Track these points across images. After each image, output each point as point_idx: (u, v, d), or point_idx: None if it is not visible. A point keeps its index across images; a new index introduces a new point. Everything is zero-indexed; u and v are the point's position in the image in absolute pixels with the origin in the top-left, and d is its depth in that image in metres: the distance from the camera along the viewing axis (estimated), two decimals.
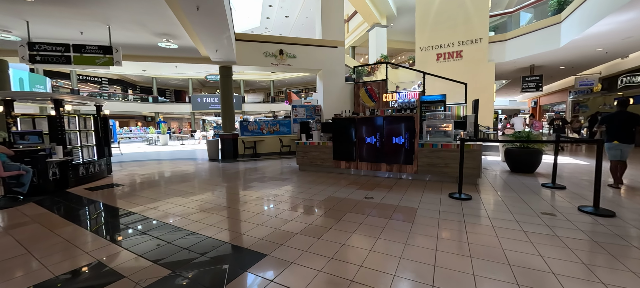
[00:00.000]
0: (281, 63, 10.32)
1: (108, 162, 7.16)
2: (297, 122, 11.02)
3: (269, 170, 7.39)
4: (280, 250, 2.68)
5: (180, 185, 5.81)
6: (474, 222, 3.28)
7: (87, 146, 6.59)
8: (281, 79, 31.11)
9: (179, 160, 10.14)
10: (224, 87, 10.11)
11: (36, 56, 6.61)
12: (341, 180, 5.89)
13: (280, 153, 10.62)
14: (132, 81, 29.28)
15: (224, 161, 9.38)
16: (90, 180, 6.37)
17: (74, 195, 5.22)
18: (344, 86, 11.15)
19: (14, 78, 16.98)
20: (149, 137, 19.41)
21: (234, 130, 10.29)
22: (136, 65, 9.19)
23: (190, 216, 3.77)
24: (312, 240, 2.89)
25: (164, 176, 6.91)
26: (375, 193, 4.73)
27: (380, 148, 6.00)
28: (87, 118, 6.68)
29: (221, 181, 6.13)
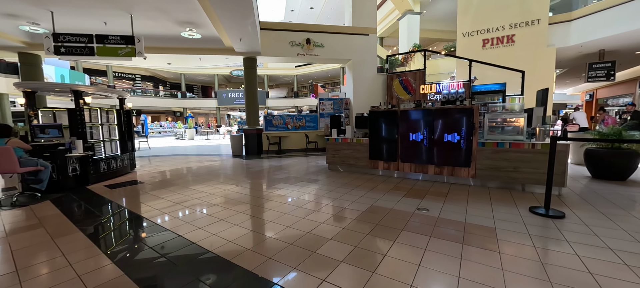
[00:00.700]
0: (308, 53, 9.54)
1: (131, 157, 6.86)
2: (324, 116, 10.23)
3: (296, 169, 6.68)
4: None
5: (202, 185, 5.27)
6: (594, 257, 2.28)
7: (109, 140, 6.29)
8: (304, 74, 30.47)
9: (204, 155, 9.80)
10: (248, 79, 9.55)
11: (61, 47, 6.40)
12: (380, 184, 5.01)
13: (305, 150, 9.92)
14: (163, 78, 30.21)
15: (248, 158, 8.85)
16: (112, 176, 6.06)
17: (93, 193, 4.85)
18: (376, 78, 10.15)
19: (56, 75, 17.92)
20: (176, 131, 19.69)
21: (258, 125, 9.73)
22: (160, 57, 8.89)
23: (209, 227, 3.13)
24: (362, 273, 2.08)
25: (187, 175, 6.45)
26: (428, 203, 3.81)
27: (428, 147, 5.02)
28: (109, 111, 6.38)
29: (245, 183, 5.51)
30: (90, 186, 5.33)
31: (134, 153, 7.03)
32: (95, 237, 2.95)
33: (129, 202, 4.27)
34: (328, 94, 11.01)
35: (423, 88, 9.37)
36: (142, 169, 7.21)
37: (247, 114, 9.66)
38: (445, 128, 4.81)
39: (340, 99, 10.38)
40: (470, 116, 4.56)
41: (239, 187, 5.02)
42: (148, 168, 7.30)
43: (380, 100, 10.22)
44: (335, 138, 6.32)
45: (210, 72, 28.68)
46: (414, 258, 2.33)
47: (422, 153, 5.10)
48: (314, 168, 6.72)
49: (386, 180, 5.33)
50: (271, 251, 2.51)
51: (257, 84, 9.72)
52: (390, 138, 5.43)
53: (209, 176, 6.03)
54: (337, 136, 6.34)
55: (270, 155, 9.28)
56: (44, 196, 4.62)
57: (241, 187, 5.03)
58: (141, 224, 3.36)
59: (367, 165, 5.87)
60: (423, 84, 9.37)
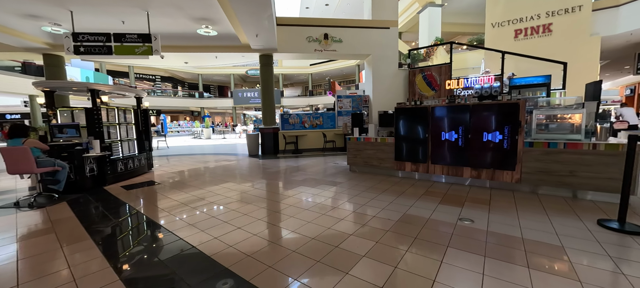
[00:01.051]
0: (326, 49, 9.14)
1: (148, 157, 6.76)
2: (342, 115, 9.81)
3: (315, 170, 6.32)
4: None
5: (218, 187, 5.02)
6: None
7: (126, 140, 6.20)
8: (319, 72, 30.12)
9: (220, 155, 9.66)
10: (265, 77, 9.29)
11: (80, 47, 6.38)
12: (409, 188, 4.54)
13: (323, 149, 9.54)
14: (181, 78, 30.87)
15: (264, 157, 8.59)
16: (130, 176, 5.96)
17: (109, 194, 4.72)
18: (397, 74, 9.59)
19: (82, 76, 18.59)
20: (194, 131, 19.93)
21: (274, 124, 9.46)
22: (177, 56, 8.80)
23: (226, 236, 2.82)
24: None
25: (203, 176, 6.25)
26: (470, 212, 3.32)
27: (463, 147, 4.50)
28: (127, 110, 6.28)
29: (262, 186, 5.21)
30: (107, 186, 5.22)
31: (151, 153, 6.93)
32: (105, 247, 2.72)
33: (143, 205, 4.06)
34: (346, 92, 10.57)
35: (449, 84, 8.72)
36: (160, 169, 7.11)
37: (264, 113, 9.41)
38: (485, 126, 4.27)
39: (358, 97, 9.92)
40: (515, 113, 4.00)
41: (256, 190, 4.72)
42: (165, 168, 7.19)
43: (402, 97, 9.66)
44: (357, 137, 5.89)
45: (227, 72, 28.96)
46: (471, 284, 1.88)
47: (456, 154, 4.58)
48: (334, 169, 6.33)
49: (415, 183, 4.85)
50: (295, 268, 2.15)
51: (273, 82, 9.45)
52: (419, 137, 4.94)
53: (225, 177, 5.78)
54: (359, 135, 5.91)
55: (287, 155, 8.98)
56: (61, 197, 4.52)
57: (258, 190, 4.72)
58: (155, 232, 3.11)
59: (392, 166, 5.40)
60: (449, 80, 8.72)
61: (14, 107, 22.57)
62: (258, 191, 4.64)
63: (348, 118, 9.82)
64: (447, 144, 4.65)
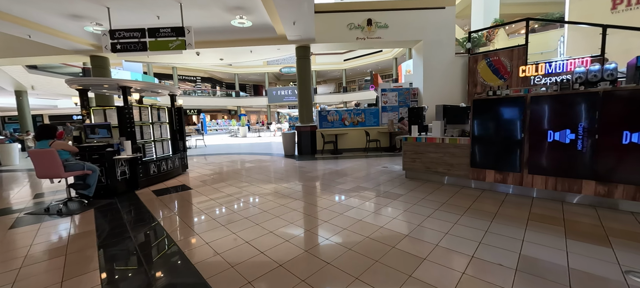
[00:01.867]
0: (369, 36, 8.04)
1: (183, 157, 6.35)
2: (386, 110, 8.64)
3: (361, 175, 5.32)
4: None
5: (254, 195, 4.29)
6: None
7: (160, 140, 5.82)
8: (353, 67, 28.84)
9: (256, 155, 9.12)
10: (301, 71, 8.49)
11: (117, 44, 6.14)
12: (500, 206, 3.33)
13: (365, 149, 8.48)
14: (219, 79, 31.87)
15: (301, 158, 7.80)
16: (163, 178, 5.55)
17: (138, 201, 4.25)
18: (453, 61, 8.13)
19: (131, 79, 19.80)
20: (231, 129, 20.13)
21: (312, 121, 8.64)
22: (212, 52, 8.39)
23: (258, 273, 1.98)
24: None
25: (239, 180, 5.63)
26: (633, 257, 2.07)
27: (584, 152, 3.15)
28: (160, 109, 5.90)
29: (303, 197, 4.37)
30: (139, 191, 4.81)
31: (185, 153, 6.53)
32: (113, 278, 2.05)
33: (171, 218, 3.45)
34: (390, 85, 9.34)
35: (524, 70, 7.07)
36: (195, 170, 6.69)
37: (300, 110, 8.64)
38: (626, 124, 2.89)
39: (406, 90, 8.64)
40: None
41: (296, 201, 3.88)
42: (200, 170, 6.76)
43: (459, 89, 8.18)
44: (416, 137, 4.76)
45: (261, 71, 29.12)
46: None
47: (572, 162, 3.24)
48: (385, 175, 5.27)
49: (505, 199, 3.60)
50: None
51: (310, 76, 8.62)
52: (511, 137, 3.67)
53: (261, 180, 5.07)
54: (420, 135, 4.76)
55: (325, 155, 8.10)
56: (92, 202, 4.15)
57: (298, 202, 3.88)
58: (177, 258, 2.40)
59: (465, 175, 4.19)
60: (524, 65, 7.07)
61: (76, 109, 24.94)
62: (298, 203, 3.80)
63: (394, 114, 8.63)
64: (557, 147, 3.32)
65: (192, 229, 3.04)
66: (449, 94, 8.15)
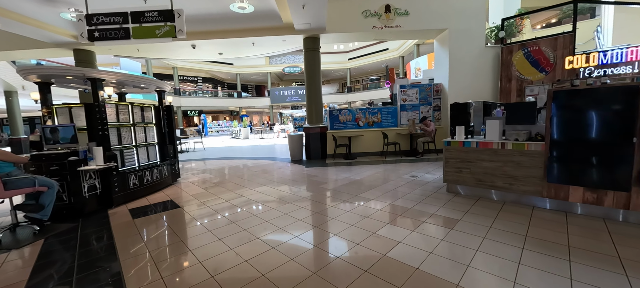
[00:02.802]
0: (387, 25, 6.99)
1: (173, 165, 5.33)
2: (405, 109, 7.59)
3: (389, 189, 4.27)
4: None
5: (258, 207, 3.25)
6: None
7: (144, 145, 4.80)
8: (358, 67, 27.82)
9: (258, 160, 8.09)
10: (310, 64, 7.46)
11: (95, 31, 5.12)
12: (623, 246, 2.26)
13: (383, 153, 7.42)
14: (221, 79, 30.94)
15: (311, 164, 6.76)
16: (147, 191, 4.52)
17: (108, 224, 3.23)
18: (483, 53, 7.07)
19: None
20: (232, 130, 19.14)
21: (321, 122, 7.60)
22: (210, 45, 7.36)
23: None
24: None
25: (238, 191, 4.60)
26: None
27: None
28: (145, 108, 4.89)
29: (320, 218, 3.32)
30: (113, 210, 3.79)
31: (177, 160, 5.50)
32: None
33: (144, 254, 2.42)
34: (407, 81, 8.28)
35: (571, 61, 6.00)
36: (188, 180, 5.67)
37: (309, 109, 7.60)
38: None
39: (428, 86, 7.58)
40: None
41: (308, 225, 2.84)
42: (195, 178, 5.74)
43: (489, 83, 7.12)
44: (463, 140, 3.70)
45: (264, 71, 28.16)
46: None
47: None
48: (418, 188, 4.21)
49: (613, 229, 2.54)
50: None
51: (320, 71, 7.58)
52: (613, 142, 2.61)
53: (266, 198, 4.03)
54: (468, 139, 3.71)
55: (338, 161, 7.05)
56: (47, 227, 3.14)
57: (318, 232, 2.83)
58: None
59: (537, 191, 3.13)
60: (571, 55, 6.00)
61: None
62: (314, 230, 2.75)
63: (414, 113, 7.57)
64: None
65: (172, 275, 2.01)
66: (478, 91, 7.09)
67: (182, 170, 6.82)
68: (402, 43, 23.10)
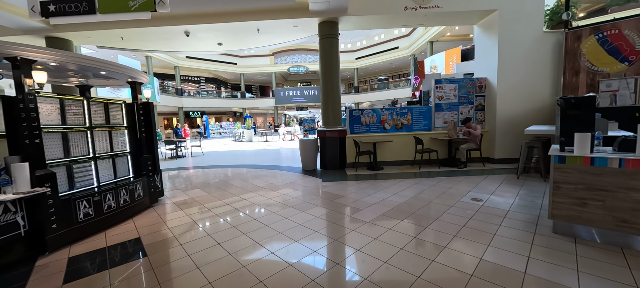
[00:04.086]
0: (423, 5, 5.60)
1: (153, 182, 3.97)
2: (441, 109, 6.18)
3: (450, 220, 2.87)
4: None
5: (263, 253, 1.87)
6: None
7: (107, 156, 3.45)
8: (365, 66, 26.43)
9: (263, 169, 6.73)
10: (326, 54, 6.09)
11: (49, 4, 3.82)
12: None
13: (415, 162, 6.02)
14: (224, 79, 29.73)
15: (328, 177, 5.37)
16: (111, 222, 3.17)
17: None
18: (540, 39, 5.65)
19: None
20: (234, 132, 17.85)
21: (340, 124, 6.22)
22: (207, 32, 6.01)
23: None
24: None
25: (235, 219, 3.24)
26: None
27: None
28: (111, 104, 3.55)
29: (350, 272, 1.90)
30: (46, 258, 2.45)
31: (158, 173, 4.14)
32: None
33: None
34: (440, 75, 6.85)
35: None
36: (174, 198, 4.33)
37: (324, 109, 6.23)
38: None
39: (469, 81, 6.17)
40: None
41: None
42: (182, 197, 4.39)
43: (548, 77, 5.69)
44: (591, 156, 2.29)
45: (268, 71, 26.92)
46: None
47: None
48: (495, 223, 2.80)
49: None
50: None
51: (338, 62, 6.21)
52: None
53: (274, 233, 2.66)
54: (594, 152, 2.30)
55: (361, 173, 5.67)
56: None
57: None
58: None
59: None
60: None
61: None
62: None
63: (452, 114, 6.17)
64: None
65: None
66: (535, 86, 5.68)
67: (171, 183, 5.48)
68: (413, 41, 21.67)
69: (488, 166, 5.65)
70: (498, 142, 5.83)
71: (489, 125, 6.04)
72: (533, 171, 5.07)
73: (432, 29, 18.80)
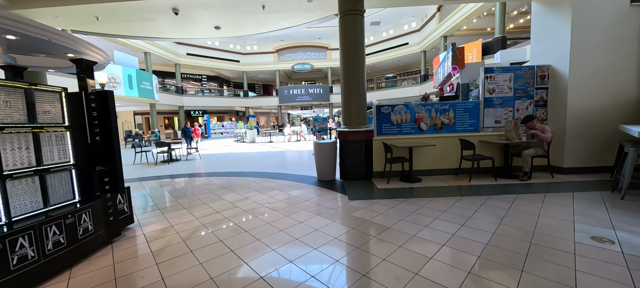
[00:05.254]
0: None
1: (112, 206, 2.71)
2: (492, 105, 4.87)
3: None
4: None
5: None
6: None
7: (30, 172, 2.18)
8: (372, 64, 25.08)
9: (269, 178, 5.47)
10: (348, 35, 4.80)
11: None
12: None
13: (459, 171, 4.72)
14: (226, 77, 28.54)
15: (353, 192, 4.08)
16: (30, 281, 1.91)
17: None
18: (625, 15, 4.31)
19: (123, 75, 16.45)
20: (236, 132, 16.60)
21: (364, 124, 4.92)
22: (201, 10, 4.69)
23: None
24: None
25: (228, 278, 1.96)
26: None
27: None
28: (39, 92, 2.28)
29: None
30: None
31: (125, 195, 2.88)
32: None
33: None
34: (480, 62, 5.53)
35: None
36: (147, 227, 3.08)
37: (346, 105, 4.94)
38: None
39: (528, 70, 4.84)
40: None
41: None
42: (158, 224, 3.13)
43: (633, 63, 4.36)
44: None
45: (272, 69, 25.67)
46: None
47: None
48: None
49: None
50: None
51: (364, 46, 4.91)
52: None
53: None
54: None
55: (395, 186, 4.37)
56: None
57: None
58: None
59: None
60: None
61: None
62: None
63: (506, 110, 4.86)
64: None
65: None
66: (617, 74, 4.35)
67: (152, 198, 4.22)
68: (424, 36, 20.31)
69: (558, 177, 4.34)
70: (568, 147, 4.51)
71: (554, 125, 4.71)
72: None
73: (445, 24, 17.49)
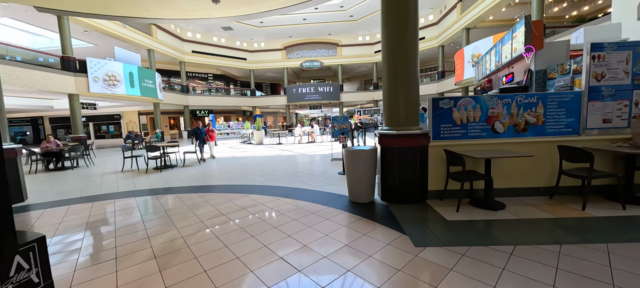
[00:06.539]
0: None
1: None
2: (600, 97, 3.37)
3: None
4: None
5: None
6: None
7: None
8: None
9: (285, 197, 4.11)
10: (393, 11, 3.38)
11: None
12: None
13: (556, 191, 3.26)
14: (232, 76, 27.43)
15: (416, 233, 2.69)
16: None
17: None
18: None
19: (124, 72, 15.40)
20: (243, 133, 15.32)
21: (417, 124, 3.49)
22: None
23: None
24: None
25: None
26: None
27: None
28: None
29: None
30: None
31: (30, 259, 1.55)
32: None
33: None
34: (587, 37, 4.05)
35: None
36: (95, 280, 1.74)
37: (391, 99, 3.52)
38: None
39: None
40: None
41: None
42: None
43: None
44: None
45: (280, 66, 24.38)
46: None
47: None
48: None
49: None
50: None
51: (417, 20, 3.47)
52: None
53: None
54: None
55: (471, 217, 2.97)
56: None
57: None
58: None
59: None
60: None
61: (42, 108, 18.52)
62: None
63: (619, 103, 3.37)
64: None
65: None
66: None
67: (105, 240, 2.91)
68: (443, 30, 18.65)
69: None
70: None
71: None
72: None
73: (468, 15, 15.85)
